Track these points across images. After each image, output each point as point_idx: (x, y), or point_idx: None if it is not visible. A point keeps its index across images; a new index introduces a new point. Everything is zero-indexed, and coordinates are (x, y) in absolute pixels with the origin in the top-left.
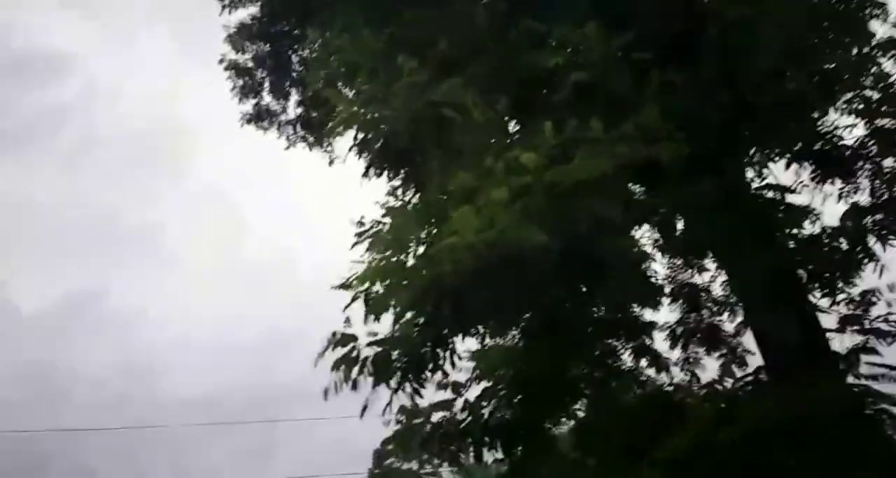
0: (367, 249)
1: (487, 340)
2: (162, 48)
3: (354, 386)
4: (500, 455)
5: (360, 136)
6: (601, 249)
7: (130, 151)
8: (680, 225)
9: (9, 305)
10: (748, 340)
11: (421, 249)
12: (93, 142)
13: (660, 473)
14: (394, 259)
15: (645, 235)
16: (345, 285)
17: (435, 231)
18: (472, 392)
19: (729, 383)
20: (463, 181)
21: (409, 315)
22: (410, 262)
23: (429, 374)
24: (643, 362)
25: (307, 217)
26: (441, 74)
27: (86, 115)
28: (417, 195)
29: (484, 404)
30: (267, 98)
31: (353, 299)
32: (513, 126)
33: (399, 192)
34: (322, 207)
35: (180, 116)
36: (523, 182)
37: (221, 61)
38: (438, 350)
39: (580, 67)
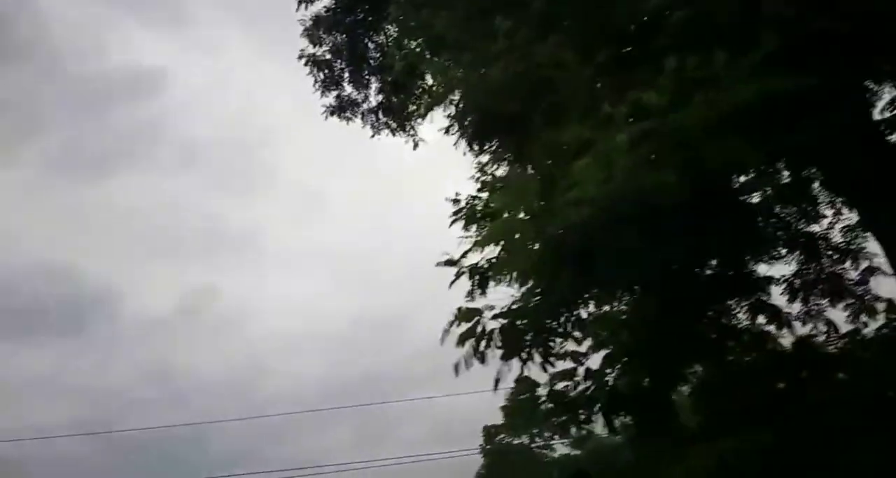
0: (468, 223)
1: (599, 308)
2: (246, 53)
3: (483, 360)
4: (628, 421)
5: (457, 106)
6: (727, 194)
7: (226, 155)
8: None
9: (132, 311)
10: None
11: (538, 210)
12: (191, 149)
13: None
14: (513, 221)
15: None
16: (450, 262)
17: (551, 189)
18: (591, 361)
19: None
20: (575, 135)
21: (531, 280)
22: (530, 222)
23: (556, 342)
24: (761, 319)
25: (393, 204)
26: (538, 34)
27: (182, 124)
28: (520, 161)
29: (608, 371)
30: (348, 89)
31: (459, 275)
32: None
33: (490, 166)
34: (407, 193)
35: (269, 116)
36: (645, 127)
37: (301, 57)
38: (562, 318)
39: (683, 5)
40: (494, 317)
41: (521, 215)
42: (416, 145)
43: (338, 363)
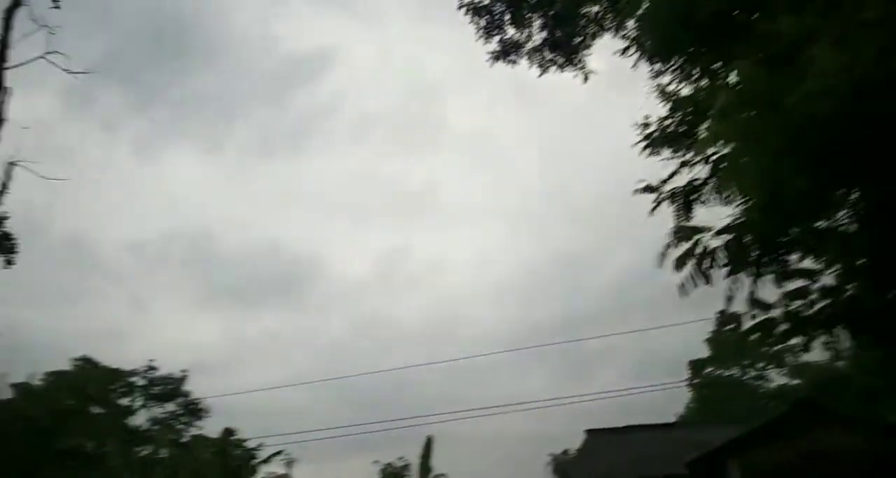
0: (659, 146)
1: (833, 218)
2: (407, 16)
3: (707, 280)
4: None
5: (643, 19)
6: None
7: (400, 118)
8: None
9: (336, 274)
10: None
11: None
12: (368, 117)
13: None
14: (740, 120)
15: None
16: (649, 188)
17: (780, 84)
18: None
19: None
20: (797, 25)
21: (762, 186)
22: (761, 119)
23: (787, 258)
24: None
25: (566, 142)
26: None
27: (356, 94)
28: (717, 67)
29: (846, 286)
30: (510, 31)
31: (660, 201)
32: None
33: (675, 83)
34: (579, 129)
35: (436, 74)
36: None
37: (461, 6)
38: (794, 231)
39: None
40: (717, 233)
41: (749, 115)
42: (586, 78)
43: (531, 306)
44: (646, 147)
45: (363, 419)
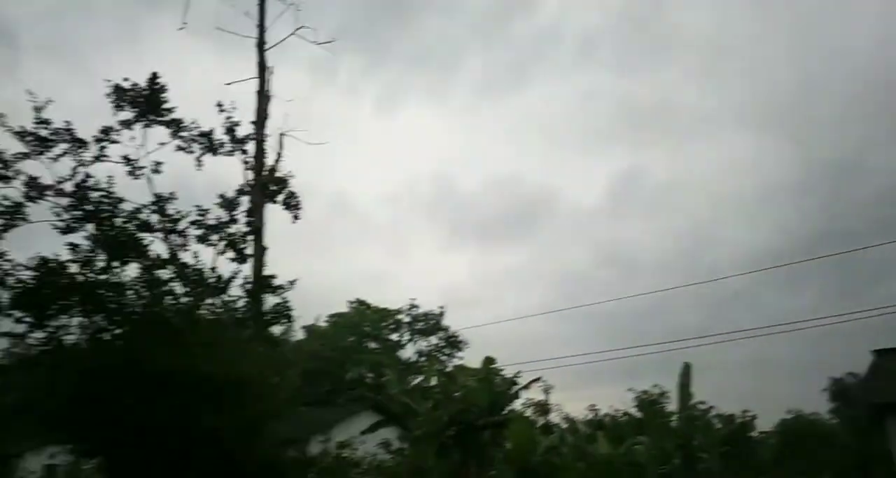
0: None
1: None
2: None
3: None
4: None
5: None
6: None
7: (623, 33)
8: None
9: (569, 204)
10: None
11: None
12: (590, 37)
13: None
14: None
15: None
16: None
17: None
18: None
19: None
20: None
21: None
22: None
23: None
24: None
25: (814, 39)
26: None
27: (573, 16)
28: None
29: None
30: None
31: None
32: None
33: None
34: (825, 23)
35: None
36: None
37: None
38: None
39: None
40: None
41: None
42: None
43: (791, 221)
44: None
45: (614, 348)
